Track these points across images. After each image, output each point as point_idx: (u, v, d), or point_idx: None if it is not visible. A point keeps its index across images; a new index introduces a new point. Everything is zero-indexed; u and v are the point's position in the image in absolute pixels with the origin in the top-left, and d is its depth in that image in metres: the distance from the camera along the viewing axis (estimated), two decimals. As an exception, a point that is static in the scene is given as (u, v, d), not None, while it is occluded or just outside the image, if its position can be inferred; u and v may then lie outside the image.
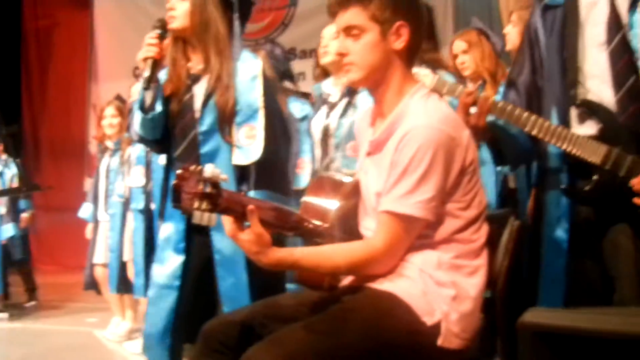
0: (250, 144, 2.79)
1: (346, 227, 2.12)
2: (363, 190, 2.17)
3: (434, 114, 1.99)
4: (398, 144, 1.97)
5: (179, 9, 2.81)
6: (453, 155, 1.96)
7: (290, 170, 3.18)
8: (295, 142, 3.58)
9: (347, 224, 2.15)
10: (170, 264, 2.89)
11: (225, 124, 2.81)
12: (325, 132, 3.49)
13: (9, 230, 7.07)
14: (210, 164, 1.82)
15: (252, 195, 2.74)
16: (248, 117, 2.82)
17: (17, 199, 7.24)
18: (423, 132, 1.93)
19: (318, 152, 3.57)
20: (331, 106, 3.53)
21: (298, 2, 9.56)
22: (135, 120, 2.88)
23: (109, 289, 5.69)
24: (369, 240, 2.03)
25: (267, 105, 2.84)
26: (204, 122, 2.83)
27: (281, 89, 3.98)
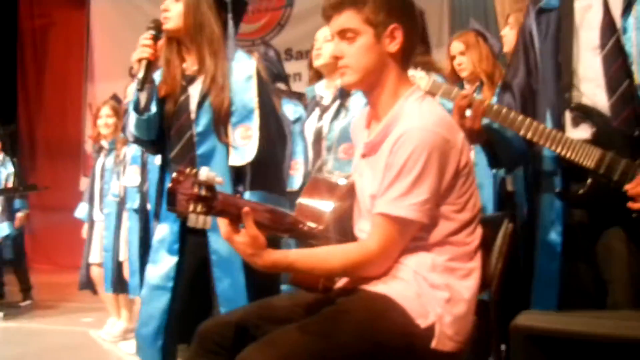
0: (246, 144, 2.79)
1: (341, 229, 2.12)
2: (358, 192, 2.18)
3: (428, 117, 2.00)
4: (393, 146, 1.97)
5: (173, 10, 2.82)
6: (447, 158, 1.97)
7: (285, 170, 3.19)
8: (289, 144, 3.58)
9: (342, 226, 2.15)
10: (163, 265, 2.89)
11: (220, 124, 2.81)
12: (318, 135, 3.50)
13: (3, 230, 7.05)
14: (205, 167, 1.83)
15: (248, 196, 2.75)
16: (243, 118, 2.82)
17: (13, 198, 7.23)
18: (418, 135, 1.94)
19: (311, 154, 3.58)
20: (324, 109, 3.54)
21: (294, 3, 9.55)
22: (130, 121, 2.88)
23: (104, 288, 5.70)
24: (364, 242, 2.04)
25: (263, 105, 2.85)
26: (200, 123, 2.83)
27: (274, 91, 3.98)
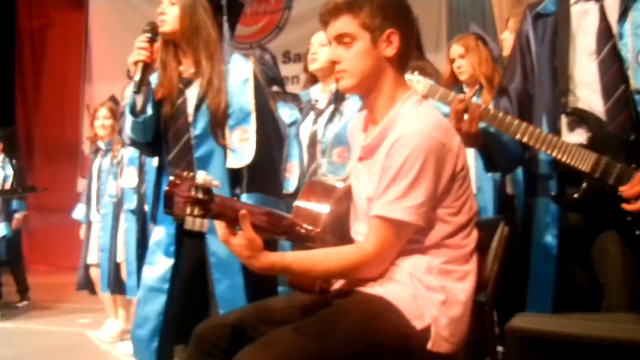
0: (243, 146, 2.80)
1: (337, 232, 2.13)
2: (355, 194, 2.19)
3: (425, 121, 2.01)
4: (389, 149, 1.99)
5: (169, 13, 2.83)
6: (444, 162, 1.98)
7: (281, 173, 3.20)
8: (285, 146, 3.60)
9: (339, 228, 2.17)
10: (160, 267, 2.90)
11: (217, 127, 2.82)
12: (313, 138, 3.52)
13: (0, 230, 7.07)
14: (202, 170, 1.84)
15: (245, 198, 2.76)
16: (240, 120, 2.83)
17: (11, 200, 7.23)
18: (414, 138, 1.95)
19: (306, 158, 3.60)
20: (318, 112, 3.56)
21: (293, 6, 9.56)
22: (127, 124, 2.88)
23: (102, 288, 5.71)
24: (360, 244, 2.05)
25: (260, 108, 2.85)
26: (197, 126, 2.83)
27: (270, 94, 4.00)
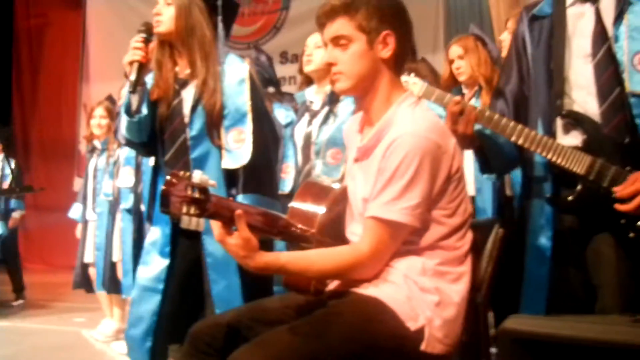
0: (239, 147, 2.81)
1: (333, 232, 2.14)
2: (350, 195, 2.20)
3: (421, 122, 2.02)
4: (385, 150, 1.99)
5: (165, 13, 2.84)
6: (439, 163, 1.99)
7: (277, 173, 3.20)
8: (280, 147, 3.60)
9: (334, 229, 2.17)
10: (155, 267, 2.90)
11: (213, 127, 2.83)
12: (307, 139, 3.53)
13: (-3, 229, 7.08)
14: (199, 170, 1.84)
15: (241, 199, 2.76)
16: (236, 121, 2.84)
17: (9, 199, 7.23)
18: (410, 140, 1.96)
19: (300, 159, 3.61)
20: (313, 114, 3.57)
21: (290, 6, 9.56)
22: (122, 124, 2.89)
23: (97, 287, 5.72)
24: (355, 245, 2.06)
25: (255, 109, 2.86)
26: (194, 127, 2.84)
27: (266, 95, 4.01)
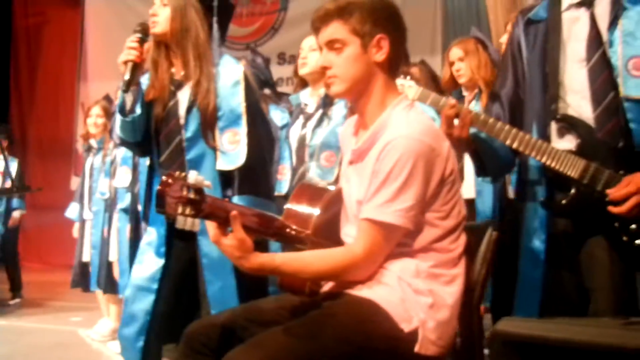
0: (234, 149, 2.81)
1: (327, 234, 2.15)
2: (345, 197, 2.21)
3: (415, 125, 2.03)
4: (380, 153, 2.01)
5: (161, 14, 2.85)
6: (433, 166, 2.00)
7: (272, 175, 3.20)
8: (276, 149, 3.61)
9: (329, 230, 2.18)
10: (150, 266, 2.91)
11: (207, 128, 2.83)
12: (301, 142, 3.54)
13: (-4, 228, 7.09)
14: (194, 170, 1.86)
15: (236, 200, 2.77)
16: (231, 122, 2.84)
17: (11, 198, 7.24)
18: (404, 142, 1.97)
19: (294, 161, 3.62)
20: (307, 116, 3.59)
21: (288, 7, 9.58)
22: (116, 123, 2.90)
23: (91, 285, 5.72)
24: (350, 246, 2.07)
25: (250, 110, 2.86)
26: (189, 129, 2.84)
27: (262, 97, 4.02)
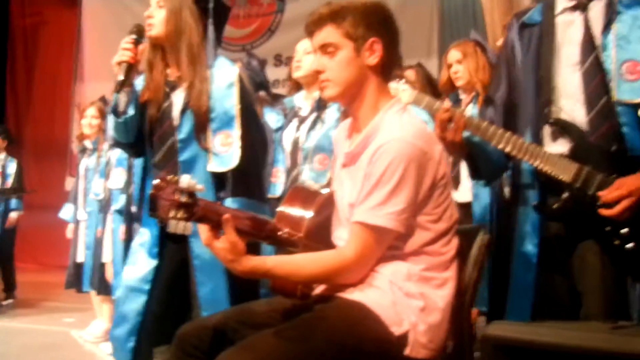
0: (226, 151, 2.81)
1: (320, 237, 2.15)
2: (337, 200, 2.21)
3: (408, 129, 2.04)
4: (372, 156, 2.01)
5: (156, 16, 2.85)
6: (425, 169, 2.00)
7: (266, 177, 3.20)
8: (270, 151, 3.61)
9: (321, 233, 2.18)
10: (142, 267, 2.90)
11: (200, 130, 2.83)
12: (295, 145, 3.54)
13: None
14: (187, 174, 1.86)
15: (229, 202, 2.77)
16: (224, 124, 2.84)
17: (9, 199, 7.24)
18: (396, 146, 1.98)
19: (288, 164, 3.62)
20: (301, 119, 3.58)
21: (285, 9, 9.58)
22: (110, 124, 2.90)
23: (84, 286, 5.73)
24: (341, 249, 2.07)
25: (244, 113, 2.86)
26: (182, 130, 2.84)
27: (257, 100, 4.02)
